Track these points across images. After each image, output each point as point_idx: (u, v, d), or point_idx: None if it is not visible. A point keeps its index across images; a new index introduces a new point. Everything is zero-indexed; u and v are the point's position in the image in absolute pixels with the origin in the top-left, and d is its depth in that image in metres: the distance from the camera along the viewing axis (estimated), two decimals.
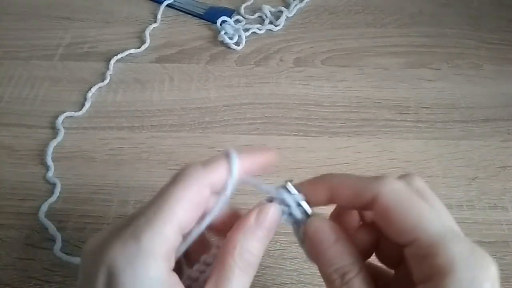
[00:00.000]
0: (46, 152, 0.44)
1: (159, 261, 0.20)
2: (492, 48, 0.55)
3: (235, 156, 0.24)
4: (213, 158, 0.24)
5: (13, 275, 0.36)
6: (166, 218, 0.21)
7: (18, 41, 0.56)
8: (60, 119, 0.46)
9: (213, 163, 0.24)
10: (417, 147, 0.45)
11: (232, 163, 0.24)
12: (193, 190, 0.22)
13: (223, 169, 0.24)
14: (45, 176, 0.42)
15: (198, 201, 0.22)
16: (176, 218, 0.21)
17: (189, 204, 0.22)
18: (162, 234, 0.21)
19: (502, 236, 0.39)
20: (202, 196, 0.23)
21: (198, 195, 0.22)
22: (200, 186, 0.23)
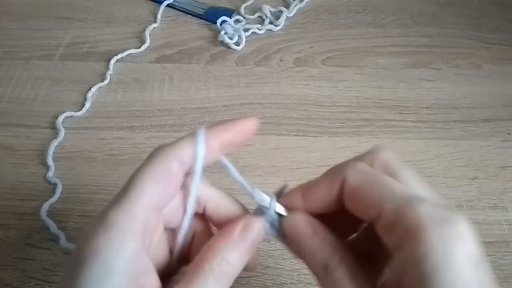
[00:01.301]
0: (46, 152, 0.44)
1: (126, 239, 0.20)
2: (492, 48, 0.55)
3: (201, 130, 0.23)
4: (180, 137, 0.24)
5: (13, 275, 0.36)
6: (133, 196, 0.21)
7: (18, 41, 0.56)
8: (60, 119, 0.46)
9: (179, 139, 0.23)
10: (417, 147, 0.45)
11: (197, 135, 0.23)
12: (158, 165, 0.22)
13: (189, 143, 0.23)
14: (45, 176, 0.42)
15: (165, 174, 0.22)
16: (144, 196, 0.21)
17: (156, 179, 0.22)
18: (129, 212, 0.21)
19: (502, 236, 0.39)
20: (169, 170, 0.22)
21: (163, 169, 0.22)
22: (165, 160, 0.22)
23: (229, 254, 0.23)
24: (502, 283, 0.36)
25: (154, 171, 0.22)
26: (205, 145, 0.23)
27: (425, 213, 0.19)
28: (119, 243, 0.20)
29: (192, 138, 0.23)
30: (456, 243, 0.19)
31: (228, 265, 0.22)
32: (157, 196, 0.22)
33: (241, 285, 0.36)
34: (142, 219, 0.21)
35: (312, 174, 0.27)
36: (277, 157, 0.44)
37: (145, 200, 0.21)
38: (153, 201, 0.22)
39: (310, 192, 0.24)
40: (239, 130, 0.24)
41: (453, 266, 0.18)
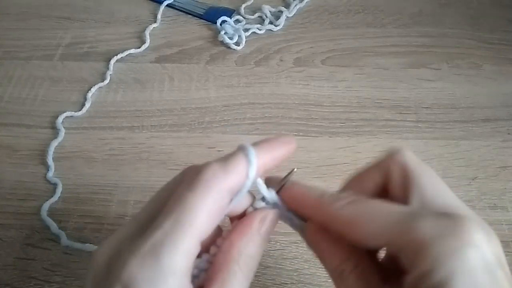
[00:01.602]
0: (46, 152, 0.44)
1: (179, 278, 0.19)
2: (492, 48, 0.55)
3: (253, 155, 0.22)
4: (231, 158, 0.22)
5: (13, 275, 0.36)
6: (186, 231, 0.20)
7: (18, 41, 0.56)
8: (60, 119, 0.46)
9: (232, 163, 0.22)
10: (417, 147, 0.45)
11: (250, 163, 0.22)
12: (214, 199, 0.21)
13: (243, 170, 0.22)
14: (45, 176, 0.42)
15: (218, 210, 0.21)
16: (196, 231, 0.20)
17: (210, 214, 0.21)
18: (183, 250, 0.20)
19: (502, 236, 0.39)
20: (222, 205, 0.21)
21: (218, 203, 0.21)
22: (221, 194, 0.21)
23: (250, 249, 0.23)
24: None
25: (207, 206, 0.20)
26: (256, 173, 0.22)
27: (426, 228, 0.19)
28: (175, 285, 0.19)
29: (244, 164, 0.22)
30: (466, 251, 0.18)
31: (251, 259, 0.22)
32: (208, 229, 0.21)
33: None
34: (193, 254, 0.20)
35: (312, 174, 0.27)
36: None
37: (196, 236, 0.20)
38: (203, 234, 0.21)
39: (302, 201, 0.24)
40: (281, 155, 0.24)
41: (463, 275, 0.18)
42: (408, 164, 0.22)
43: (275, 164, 0.24)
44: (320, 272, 0.36)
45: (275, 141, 0.24)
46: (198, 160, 0.23)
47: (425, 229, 0.19)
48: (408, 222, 0.19)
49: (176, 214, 0.20)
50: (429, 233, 0.19)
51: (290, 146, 0.24)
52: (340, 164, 0.43)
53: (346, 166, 0.43)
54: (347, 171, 0.43)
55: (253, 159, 0.22)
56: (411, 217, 0.20)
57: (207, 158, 0.23)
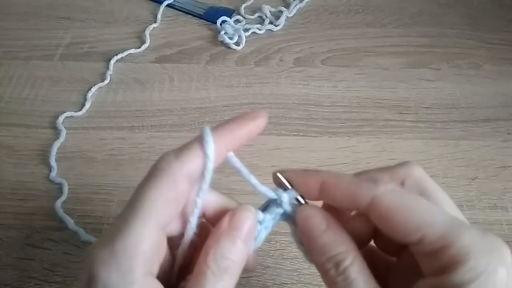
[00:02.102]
0: (49, 152, 0.44)
1: (134, 264, 0.20)
2: (492, 48, 0.55)
3: (209, 139, 0.21)
4: (186, 144, 0.22)
5: (13, 275, 0.36)
6: (139, 216, 0.20)
7: (18, 41, 0.56)
8: (61, 119, 0.46)
9: (187, 150, 0.22)
10: (417, 147, 0.45)
11: (206, 147, 0.21)
12: (168, 186, 0.21)
13: (198, 155, 0.21)
14: (48, 176, 0.42)
15: (174, 197, 0.21)
16: (152, 218, 0.20)
17: (165, 201, 0.21)
18: (135, 234, 0.20)
19: (502, 236, 0.39)
20: (178, 191, 0.21)
21: (173, 190, 0.21)
22: (176, 181, 0.21)
23: (222, 248, 0.22)
24: None
25: (163, 192, 0.21)
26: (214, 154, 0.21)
27: (471, 241, 0.19)
28: (129, 271, 0.19)
29: (199, 147, 0.22)
30: (498, 269, 0.19)
31: (225, 259, 0.22)
32: (166, 217, 0.21)
33: (241, 285, 0.36)
34: (150, 242, 0.20)
35: None
36: (277, 157, 0.44)
37: (153, 222, 0.20)
38: (161, 221, 0.21)
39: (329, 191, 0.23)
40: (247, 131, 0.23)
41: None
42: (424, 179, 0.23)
43: (243, 140, 0.23)
44: None
45: (239, 118, 0.23)
46: None
47: (470, 241, 0.19)
48: (457, 228, 0.20)
49: (133, 203, 0.21)
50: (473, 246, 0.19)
51: (257, 120, 0.23)
52: (340, 164, 0.43)
53: (346, 166, 0.43)
54: (347, 171, 0.43)
55: (208, 138, 0.21)
56: (460, 224, 0.20)
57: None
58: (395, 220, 0.21)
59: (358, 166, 0.43)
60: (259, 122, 0.23)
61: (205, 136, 0.22)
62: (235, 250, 0.22)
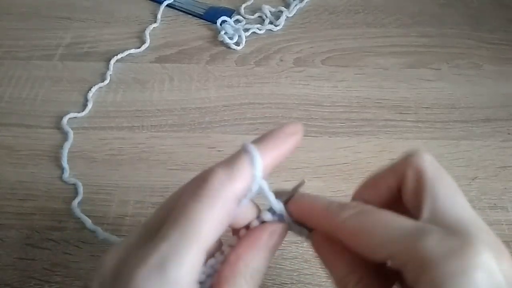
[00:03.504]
0: (46, 152, 0.44)
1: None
2: (492, 48, 0.55)
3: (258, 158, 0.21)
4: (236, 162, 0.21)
5: (13, 275, 0.36)
6: (193, 243, 0.19)
7: (18, 41, 0.56)
8: (65, 120, 0.46)
9: (237, 169, 0.21)
10: (417, 147, 0.45)
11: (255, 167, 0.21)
12: (220, 208, 0.20)
13: (248, 175, 0.21)
14: (47, 176, 0.42)
15: (225, 218, 0.21)
16: (202, 242, 0.20)
17: (216, 224, 0.20)
18: (189, 262, 0.19)
19: (502, 236, 0.39)
20: (229, 214, 0.21)
21: (225, 212, 0.20)
22: (227, 202, 0.20)
23: (257, 263, 0.22)
24: None
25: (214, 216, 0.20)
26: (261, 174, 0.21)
27: (433, 246, 0.18)
28: None
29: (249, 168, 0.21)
30: (472, 273, 0.17)
31: (258, 273, 0.22)
32: (215, 239, 0.21)
33: None
34: (199, 265, 0.20)
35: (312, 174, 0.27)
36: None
37: (203, 247, 0.20)
38: (210, 244, 0.20)
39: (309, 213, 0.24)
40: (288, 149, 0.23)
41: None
42: (424, 170, 0.22)
43: (283, 159, 0.23)
44: (320, 272, 0.36)
45: (280, 135, 0.23)
46: (198, 160, 0.23)
47: (432, 247, 0.18)
48: (414, 239, 0.19)
49: (182, 226, 0.20)
50: (435, 251, 0.18)
51: (296, 136, 0.23)
52: (340, 164, 0.43)
53: (346, 166, 0.43)
54: (347, 171, 0.43)
55: (257, 162, 0.21)
56: (417, 234, 0.19)
57: (207, 158, 0.23)
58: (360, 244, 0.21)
59: (358, 166, 0.43)
60: (298, 137, 0.23)
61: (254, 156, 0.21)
62: (266, 265, 0.23)
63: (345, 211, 0.21)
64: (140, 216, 0.40)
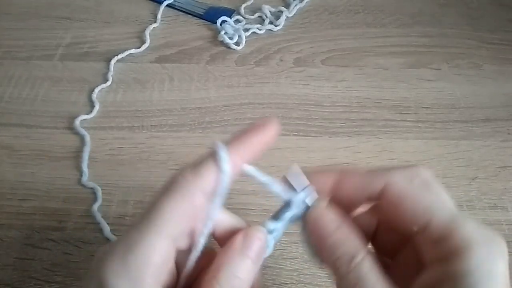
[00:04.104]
0: (46, 152, 0.44)
1: (145, 276, 0.20)
2: (492, 48, 0.55)
3: (224, 155, 0.22)
4: (201, 160, 0.22)
5: (13, 275, 0.36)
6: (156, 229, 0.21)
7: (18, 41, 0.56)
8: (77, 122, 0.46)
9: (201, 164, 0.22)
10: (417, 147, 0.45)
11: (221, 163, 0.22)
12: (184, 200, 0.21)
13: (213, 171, 0.22)
14: (47, 176, 0.42)
15: (190, 211, 0.22)
16: (166, 231, 0.21)
17: (180, 215, 0.21)
18: (150, 248, 0.20)
19: (502, 236, 0.38)
20: (194, 206, 0.22)
21: (189, 205, 0.21)
22: (192, 195, 0.21)
23: (234, 268, 0.22)
24: None
25: (179, 206, 0.21)
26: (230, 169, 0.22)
27: (475, 230, 0.20)
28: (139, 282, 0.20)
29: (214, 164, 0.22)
30: (499, 261, 0.20)
31: (236, 278, 0.22)
32: (179, 230, 0.22)
33: None
34: (161, 254, 0.21)
35: None
36: (277, 157, 0.44)
37: (166, 235, 0.21)
38: (174, 235, 0.21)
39: (344, 183, 0.24)
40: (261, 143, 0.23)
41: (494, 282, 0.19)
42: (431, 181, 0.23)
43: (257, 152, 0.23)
44: (320, 272, 0.36)
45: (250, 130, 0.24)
46: None
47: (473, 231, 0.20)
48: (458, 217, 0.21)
49: (148, 214, 0.21)
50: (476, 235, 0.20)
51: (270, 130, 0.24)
52: (340, 164, 0.43)
53: (346, 166, 0.43)
54: None
55: (222, 153, 0.22)
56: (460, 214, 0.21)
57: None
58: (404, 206, 0.22)
59: (358, 166, 0.43)
60: (271, 132, 0.24)
61: (220, 152, 0.22)
62: (246, 270, 0.23)
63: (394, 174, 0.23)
64: None
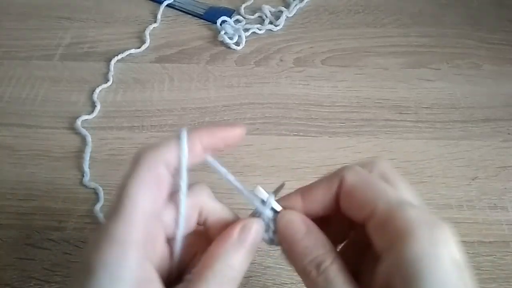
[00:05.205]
0: (46, 152, 0.44)
1: (128, 249, 0.20)
2: (492, 48, 0.55)
3: (184, 131, 0.23)
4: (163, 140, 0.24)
5: (13, 275, 0.36)
6: (128, 205, 0.21)
7: (18, 41, 0.56)
8: (79, 123, 0.46)
9: (163, 141, 0.23)
10: (417, 147, 0.45)
11: (180, 137, 0.23)
12: (146, 171, 0.22)
13: (174, 147, 0.23)
14: (45, 176, 0.42)
15: (155, 180, 0.22)
16: (138, 204, 0.21)
17: (146, 186, 0.22)
18: (127, 222, 0.21)
19: (502, 236, 0.39)
20: (157, 174, 0.22)
21: (152, 174, 0.22)
22: (152, 165, 0.22)
23: (230, 258, 0.23)
24: (502, 283, 0.36)
25: (144, 178, 0.22)
26: (187, 147, 0.23)
27: (416, 216, 0.20)
28: (122, 255, 0.20)
29: (175, 140, 0.23)
30: (443, 246, 0.19)
31: (230, 269, 0.22)
32: (151, 202, 0.22)
33: (241, 285, 0.35)
34: (140, 227, 0.21)
35: (312, 174, 0.27)
36: (277, 157, 0.44)
37: (140, 208, 0.21)
38: (148, 207, 0.22)
39: (310, 193, 0.25)
40: (224, 136, 0.24)
41: (442, 268, 0.19)
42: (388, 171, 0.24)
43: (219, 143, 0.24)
44: None
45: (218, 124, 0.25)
46: None
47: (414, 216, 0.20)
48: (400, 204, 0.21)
49: (119, 193, 0.22)
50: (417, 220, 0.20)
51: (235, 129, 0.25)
52: (340, 164, 0.42)
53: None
54: None
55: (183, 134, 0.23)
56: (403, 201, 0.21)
57: None
58: (353, 196, 0.23)
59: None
60: (237, 132, 0.25)
61: (180, 132, 0.23)
62: (242, 262, 0.23)
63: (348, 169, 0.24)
64: None
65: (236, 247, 0.23)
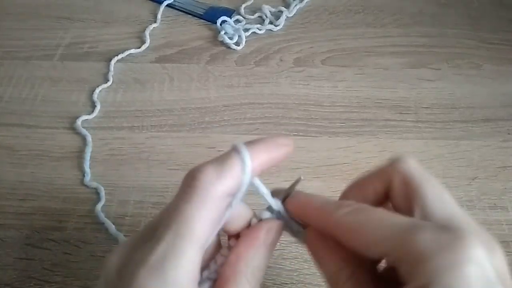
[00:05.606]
0: (46, 152, 0.44)
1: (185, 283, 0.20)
2: (492, 48, 0.55)
3: (247, 156, 0.22)
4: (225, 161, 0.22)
5: (13, 275, 0.36)
6: (187, 243, 0.20)
7: (18, 41, 0.56)
8: (79, 122, 0.46)
9: (226, 167, 0.22)
10: (417, 147, 0.45)
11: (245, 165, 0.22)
12: (211, 207, 0.21)
13: (237, 173, 0.22)
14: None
15: (217, 216, 0.21)
16: (197, 241, 0.20)
17: (208, 222, 0.21)
18: (186, 261, 0.20)
19: (502, 236, 0.39)
20: (221, 210, 0.22)
21: (216, 210, 0.21)
22: (217, 200, 0.21)
23: (257, 260, 0.23)
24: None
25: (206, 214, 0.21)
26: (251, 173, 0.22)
27: (426, 240, 0.18)
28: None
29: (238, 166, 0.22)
30: (464, 267, 0.17)
31: (259, 271, 0.23)
32: (209, 237, 0.21)
33: None
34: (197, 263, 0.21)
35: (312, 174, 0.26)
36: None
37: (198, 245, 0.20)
38: (205, 242, 0.21)
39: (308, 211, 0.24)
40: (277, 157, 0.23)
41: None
42: (411, 173, 0.22)
43: (272, 165, 0.24)
44: None
45: (271, 142, 0.24)
46: (198, 160, 0.23)
47: (425, 241, 0.18)
48: (408, 233, 0.19)
49: (176, 226, 0.20)
50: (428, 246, 0.18)
51: (287, 148, 0.24)
52: (340, 164, 0.43)
53: (346, 166, 0.43)
54: (347, 171, 0.43)
55: (247, 161, 0.22)
56: (411, 229, 0.19)
57: (207, 158, 0.23)
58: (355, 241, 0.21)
59: (358, 166, 0.43)
60: (288, 149, 0.24)
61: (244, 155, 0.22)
62: (266, 262, 0.23)
63: (341, 209, 0.22)
64: (140, 216, 0.40)
65: (262, 249, 0.23)
